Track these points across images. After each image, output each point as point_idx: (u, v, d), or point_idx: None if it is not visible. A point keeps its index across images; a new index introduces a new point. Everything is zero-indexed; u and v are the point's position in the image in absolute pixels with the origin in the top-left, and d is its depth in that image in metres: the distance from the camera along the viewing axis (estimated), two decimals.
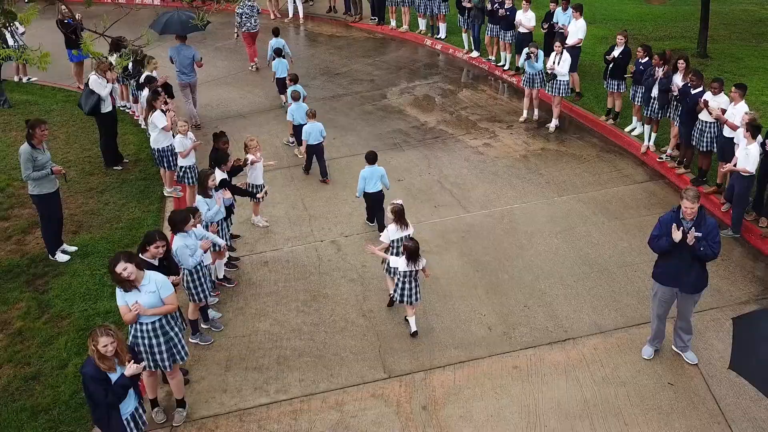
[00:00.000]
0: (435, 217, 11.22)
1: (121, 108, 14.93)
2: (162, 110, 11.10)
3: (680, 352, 8.28)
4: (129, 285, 6.58)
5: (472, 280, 9.66)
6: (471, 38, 18.04)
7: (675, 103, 12.11)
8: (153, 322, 6.79)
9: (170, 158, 11.07)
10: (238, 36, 18.42)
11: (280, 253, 10.31)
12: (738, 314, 8.87)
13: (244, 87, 16.83)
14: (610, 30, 19.07)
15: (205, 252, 8.36)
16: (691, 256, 7.57)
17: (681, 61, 12.07)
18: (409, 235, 8.85)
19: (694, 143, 11.60)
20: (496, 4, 16.37)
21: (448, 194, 11.89)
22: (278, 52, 15.28)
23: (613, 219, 11.09)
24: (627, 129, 13.77)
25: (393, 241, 8.86)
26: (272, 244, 10.52)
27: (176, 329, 7.01)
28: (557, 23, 15.53)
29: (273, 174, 12.52)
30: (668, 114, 12.44)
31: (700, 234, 7.51)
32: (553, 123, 14.27)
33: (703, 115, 11.24)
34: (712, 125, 11.17)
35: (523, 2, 15.89)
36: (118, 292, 6.70)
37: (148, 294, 6.69)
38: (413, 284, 8.41)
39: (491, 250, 10.33)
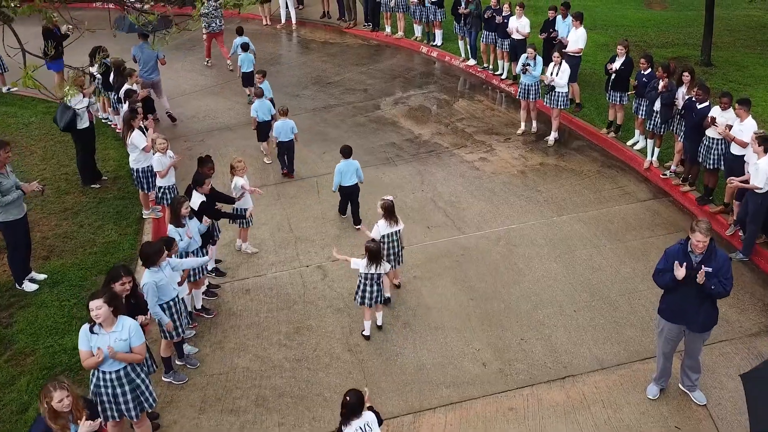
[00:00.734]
0: (428, 239, 10.66)
1: (102, 120, 14.38)
2: (142, 128, 10.54)
3: (688, 392, 7.73)
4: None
5: (466, 310, 9.10)
6: (467, 46, 17.48)
7: (679, 117, 11.56)
8: (117, 371, 6.24)
9: (150, 179, 10.51)
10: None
11: (263, 279, 9.75)
12: (748, 348, 8.37)
13: (232, 97, 16.25)
14: (611, 36, 18.52)
15: (181, 284, 7.81)
16: (700, 292, 7.02)
17: (686, 74, 11.51)
18: (399, 231, 8.89)
19: (700, 160, 11.05)
20: (492, 11, 15.82)
21: (442, 214, 11.33)
22: (245, 47, 15.59)
23: (615, 241, 10.54)
24: (629, 143, 13.21)
25: (383, 236, 8.79)
26: (255, 270, 9.96)
27: (142, 375, 6.46)
28: (557, 32, 14.96)
29: None
30: (672, 128, 11.90)
31: (710, 269, 6.96)
32: (552, 136, 13.72)
33: (710, 132, 10.69)
34: (720, 142, 10.62)
35: (517, 8, 15.35)
36: (83, 332, 6.14)
37: (118, 342, 6.14)
38: (376, 286, 8.29)
39: (487, 275, 9.77)
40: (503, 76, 16.53)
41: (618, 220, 11.09)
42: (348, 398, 5.88)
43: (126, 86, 12.05)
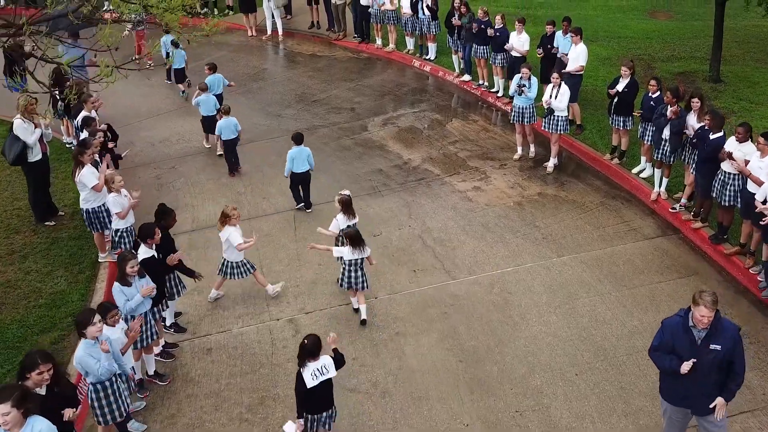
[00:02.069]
0: (414, 285, 9.64)
1: (66, 145, 13.35)
2: (98, 162, 9.53)
3: None
4: None
5: (454, 374, 8.08)
6: (461, 60, 16.45)
7: (690, 147, 10.55)
8: None
9: (102, 219, 9.50)
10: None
11: (228, 336, 8.73)
12: None
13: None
14: (613, 49, 17.50)
15: (124, 352, 6.80)
16: (706, 372, 6.04)
17: (695, 100, 10.51)
18: (355, 223, 9.15)
19: (713, 195, 10.04)
20: (481, 24, 14.80)
21: (431, 254, 10.31)
22: (175, 44, 15.29)
23: (621, 287, 9.52)
24: (635, 170, 12.19)
25: (341, 230, 9.01)
26: (219, 324, 8.94)
27: None
28: (556, 48, 13.93)
29: None
30: (682, 158, 10.89)
31: (718, 347, 5.98)
32: (551, 162, 12.69)
33: (725, 166, 9.68)
34: (736, 177, 9.61)
35: (516, 23, 14.32)
36: None
37: None
38: (360, 272, 8.62)
39: (478, 331, 8.75)
40: (499, 94, 15.51)
41: (623, 261, 10.08)
42: (305, 341, 6.43)
43: (83, 113, 11.00)
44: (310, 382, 6.41)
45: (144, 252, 7.66)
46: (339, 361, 6.63)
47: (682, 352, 6.08)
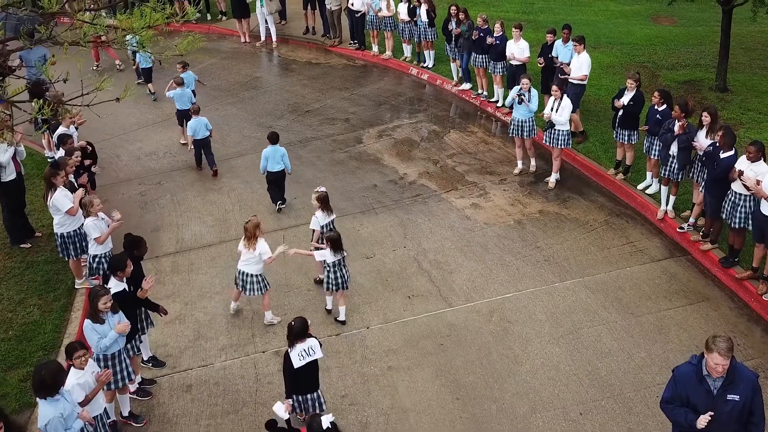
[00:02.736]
0: (408, 313, 9.13)
1: (48, 159, 12.81)
2: (74, 183, 9.01)
3: None
4: None
5: (450, 414, 7.57)
6: (460, 68, 15.94)
7: (699, 164, 10.04)
8: None
9: (77, 244, 8.98)
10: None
11: (210, 371, 8.21)
12: None
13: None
14: (616, 57, 16.99)
15: (92, 398, 6.29)
16: (725, 426, 5.53)
17: (705, 115, 9.99)
18: (333, 220, 9.29)
19: (723, 217, 9.53)
20: (481, 32, 14.28)
21: (426, 278, 9.80)
22: (141, 43, 14.56)
23: (628, 315, 9.01)
24: (640, 186, 11.68)
25: (323, 226, 9.16)
26: (201, 357, 8.43)
27: None
28: (557, 57, 13.42)
29: (217, 251, 10.47)
30: (691, 175, 10.38)
31: (736, 397, 5.47)
32: (553, 177, 12.18)
33: (736, 186, 9.16)
34: (748, 198, 9.11)
35: (514, 30, 13.79)
36: None
37: None
38: (342, 271, 8.70)
39: (476, 365, 8.23)
40: (499, 104, 14.98)
41: (629, 286, 9.57)
42: (293, 323, 6.71)
43: (61, 129, 10.47)
44: (298, 362, 6.65)
45: (115, 285, 7.14)
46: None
47: (697, 404, 5.59)
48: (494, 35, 14.16)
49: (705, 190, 9.84)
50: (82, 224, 8.77)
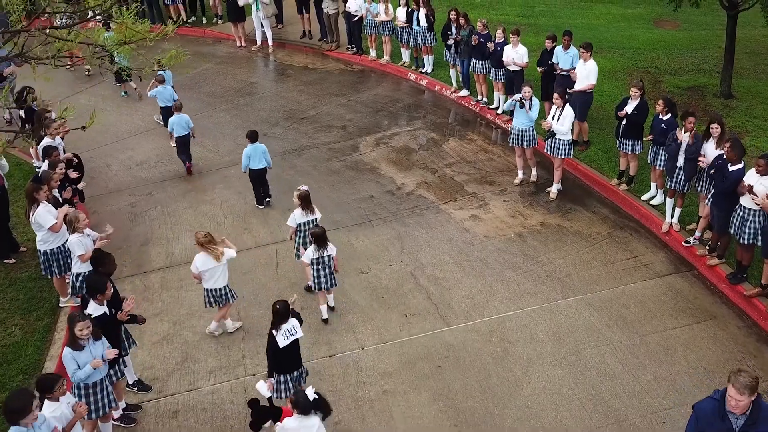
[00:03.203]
0: (404, 332, 8.80)
1: (36, 169, 12.48)
2: (57, 198, 8.68)
3: None
4: None
5: None
6: (459, 74, 15.61)
7: (707, 177, 9.71)
8: None
9: (61, 261, 8.65)
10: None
11: (198, 395, 7.87)
12: None
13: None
14: (618, 62, 16.67)
15: (68, 430, 5.96)
16: None
17: (715, 126, 9.66)
18: (315, 219, 9.27)
19: (732, 232, 9.20)
20: (481, 38, 13.95)
21: (424, 295, 9.47)
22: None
23: (633, 334, 8.68)
24: (644, 197, 11.35)
25: (299, 225, 9.23)
26: (189, 380, 8.09)
27: None
28: (557, 64, 13.09)
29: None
30: (698, 187, 10.06)
31: None
32: (554, 188, 11.85)
33: (746, 201, 8.84)
34: (757, 213, 8.78)
35: (512, 36, 13.45)
36: None
37: None
38: (327, 270, 8.68)
39: (476, 388, 7.90)
40: (499, 111, 14.65)
41: (634, 303, 9.24)
42: (278, 306, 7.04)
43: (46, 141, 10.13)
44: (282, 342, 6.99)
45: (94, 309, 6.81)
46: (299, 319, 7.35)
47: None
48: (495, 41, 13.83)
49: (712, 203, 9.52)
50: (67, 240, 8.42)
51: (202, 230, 8.52)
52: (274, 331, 7.02)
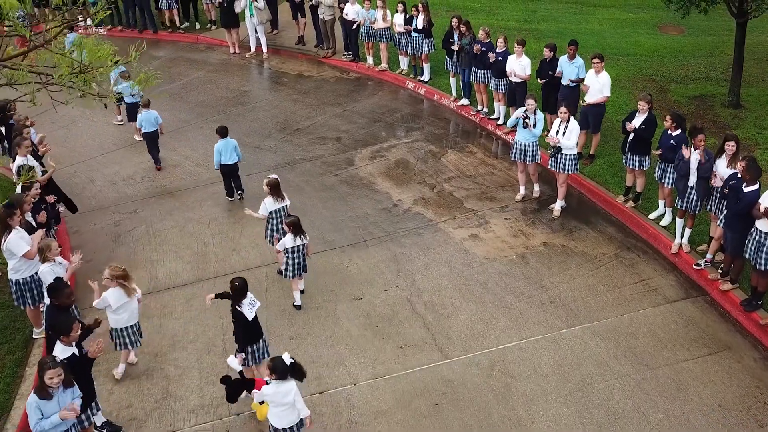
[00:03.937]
0: (400, 366, 8.28)
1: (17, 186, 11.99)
2: (31, 223, 8.16)
3: None
4: None
5: None
6: (460, 84, 15.09)
7: (719, 197, 9.20)
8: None
9: (35, 291, 8.14)
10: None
11: None
12: None
13: (181, 151, 13.71)
14: (623, 69, 16.15)
15: None
16: None
17: (730, 143, 9.14)
18: (286, 206, 9.48)
19: (747, 256, 8.68)
20: (482, 46, 13.44)
21: (420, 324, 8.95)
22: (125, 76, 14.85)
23: (642, 367, 8.17)
24: (652, 216, 10.84)
25: (271, 213, 9.41)
26: (168, 421, 7.57)
27: None
28: (560, 73, 12.56)
29: (193, 290, 9.62)
30: (709, 207, 9.55)
31: None
32: (558, 205, 11.34)
33: (762, 224, 8.33)
34: None
35: (516, 46, 12.93)
36: None
37: None
38: (302, 258, 8.90)
39: (475, 429, 7.39)
40: (500, 121, 14.14)
41: (643, 332, 8.73)
42: (237, 283, 7.29)
43: (19, 160, 9.60)
44: (250, 314, 7.29)
45: (61, 351, 6.29)
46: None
47: None
48: (496, 51, 13.32)
49: (724, 224, 9.01)
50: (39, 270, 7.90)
51: (118, 264, 7.81)
52: (238, 307, 7.25)
